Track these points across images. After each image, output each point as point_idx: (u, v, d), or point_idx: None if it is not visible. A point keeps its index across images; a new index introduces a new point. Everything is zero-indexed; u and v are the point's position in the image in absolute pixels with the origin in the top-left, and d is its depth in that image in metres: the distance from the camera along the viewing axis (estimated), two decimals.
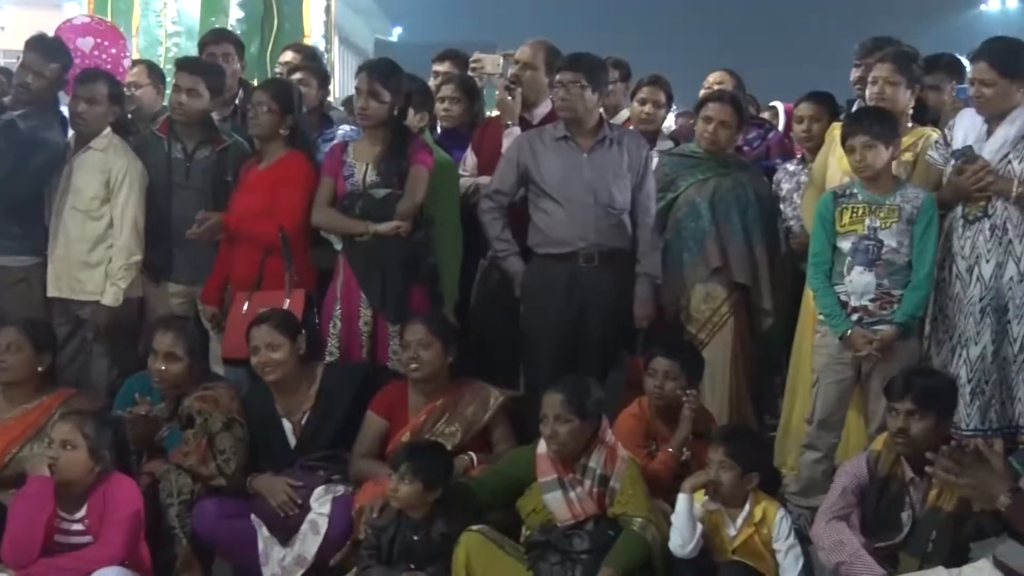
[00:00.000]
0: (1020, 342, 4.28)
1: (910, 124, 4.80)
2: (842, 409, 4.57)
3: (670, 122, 6.86)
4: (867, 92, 4.82)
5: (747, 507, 3.85)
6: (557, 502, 3.89)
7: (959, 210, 4.40)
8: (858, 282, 4.40)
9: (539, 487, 3.94)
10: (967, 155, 4.31)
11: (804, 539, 3.95)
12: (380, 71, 4.74)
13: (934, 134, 4.78)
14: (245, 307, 4.74)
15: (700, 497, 3.85)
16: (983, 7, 28.58)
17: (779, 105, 7.30)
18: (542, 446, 3.97)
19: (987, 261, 4.32)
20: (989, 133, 4.37)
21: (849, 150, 4.43)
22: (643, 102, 5.78)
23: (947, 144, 4.51)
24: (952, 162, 4.41)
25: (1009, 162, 4.31)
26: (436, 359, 4.35)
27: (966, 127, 4.44)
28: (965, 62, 5.40)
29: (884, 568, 3.60)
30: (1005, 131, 4.33)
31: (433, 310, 4.68)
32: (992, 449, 3.24)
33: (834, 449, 4.57)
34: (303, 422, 4.44)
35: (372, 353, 4.71)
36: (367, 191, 4.68)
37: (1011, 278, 4.29)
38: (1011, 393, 4.30)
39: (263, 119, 4.86)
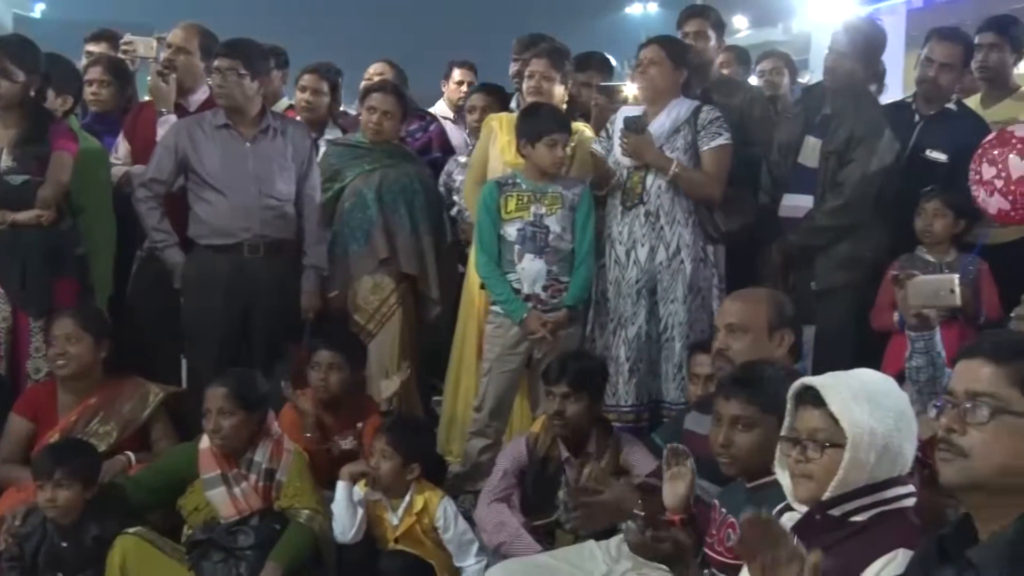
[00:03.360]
0: (665, 322, 4.62)
1: None
2: (511, 396, 4.80)
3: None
4: (524, 86, 5.08)
5: (408, 497, 3.98)
6: (221, 498, 3.87)
7: (617, 197, 4.71)
8: (530, 269, 4.63)
9: (202, 484, 3.90)
10: (638, 122, 4.60)
11: (470, 523, 4.11)
12: (11, 48, 4.52)
13: (587, 129, 5.10)
14: None
15: (364, 486, 3.95)
16: (627, 10, 30.56)
17: None
18: (205, 441, 3.93)
19: (642, 245, 4.63)
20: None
21: (551, 144, 4.63)
22: (303, 90, 5.82)
23: (609, 138, 4.80)
24: (616, 150, 4.69)
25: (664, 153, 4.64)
26: (86, 354, 4.21)
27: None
28: (613, 61, 5.82)
29: (542, 545, 3.83)
30: (660, 123, 4.66)
31: (83, 303, 4.52)
32: (602, 471, 3.47)
33: (502, 435, 4.78)
34: None
35: (12, 350, 4.48)
36: (2, 178, 4.44)
37: (661, 262, 4.62)
38: (656, 370, 4.64)
39: None
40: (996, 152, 4.15)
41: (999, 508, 1.98)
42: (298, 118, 5.60)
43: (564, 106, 5.10)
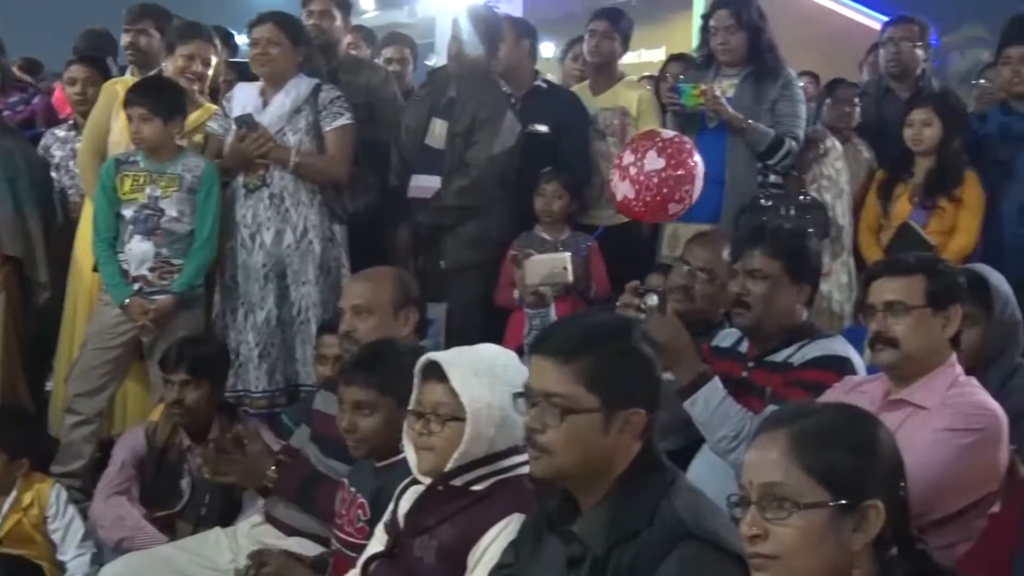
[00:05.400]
0: (299, 305, 4.60)
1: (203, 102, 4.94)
2: (113, 377, 4.57)
3: None
4: (174, 67, 4.83)
5: (14, 493, 3.77)
6: None
7: (240, 180, 4.62)
8: (136, 251, 4.45)
9: None
10: (248, 122, 4.54)
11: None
12: None
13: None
14: None
15: None
16: None
17: None
18: None
19: (268, 229, 4.57)
20: (265, 105, 4.63)
21: (128, 119, 4.48)
22: None
23: (226, 115, 4.70)
24: (233, 129, 4.60)
25: (285, 135, 4.61)
26: None
27: (243, 99, 4.67)
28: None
29: (166, 535, 3.72)
30: (280, 103, 4.61)
31: None
32: (249, 431, 3.54)
33: (100, 414, 4.56)
34: None
35: None
36: None
37: (289, 245, 4.58)
38: (292, 354, 4.62)
39: None
40: (641, 144, 4.42)
41: (592, 487, 2.14)
42: None
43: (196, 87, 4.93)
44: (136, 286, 4.46)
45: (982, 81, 5.63)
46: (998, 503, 2.65)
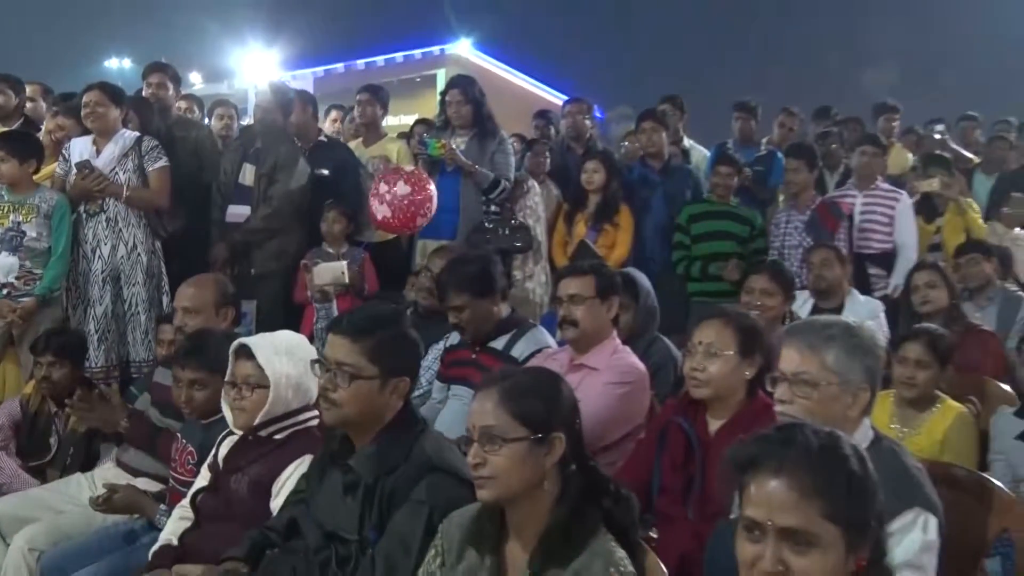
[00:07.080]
0: (130, 301, 4.36)
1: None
2: None
3: None
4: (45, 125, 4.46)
5: None
6: None
7: (82, 208, 4.36)
8: (4, 263, 4.16)
9: None
10: (87, 166, 4.31)
11: None
12: None
13: None
14: None
15: None
16: (106, 63, 26.50)
17: None
18: None
19: (106, 244, 4.33)
20: (98, 153, 4.37)
21: None
22: None
23: (66, 160, 4.42)
24: (74, 172, 4.35)
25: (117, 174, 4.36)
26: None
27: (80, 148, 4.39)
28: None
29: (39, 480, 3.46)
30: (110, 151, 4.37)
31: None
32: (108, 391, 3.33)
33: None
34: None
35: None
36: None
37: (122, 256, 4.35)
38: (125, 338, 4.38)
39: None
40: (391, 177, 4.40)
41: (365, 431, 2.13)
42: None
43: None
44: (5, 291, 4.14)
45: (625, 143, 5.97)
46: (643, 432, 2.81)
